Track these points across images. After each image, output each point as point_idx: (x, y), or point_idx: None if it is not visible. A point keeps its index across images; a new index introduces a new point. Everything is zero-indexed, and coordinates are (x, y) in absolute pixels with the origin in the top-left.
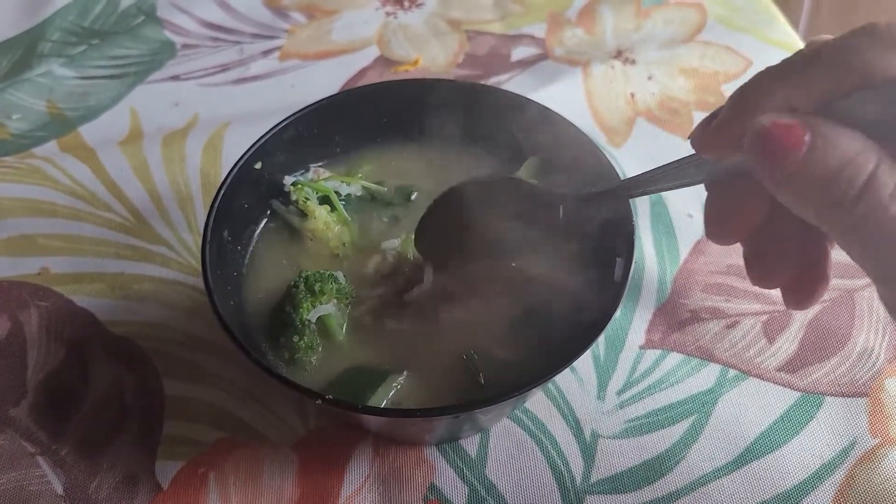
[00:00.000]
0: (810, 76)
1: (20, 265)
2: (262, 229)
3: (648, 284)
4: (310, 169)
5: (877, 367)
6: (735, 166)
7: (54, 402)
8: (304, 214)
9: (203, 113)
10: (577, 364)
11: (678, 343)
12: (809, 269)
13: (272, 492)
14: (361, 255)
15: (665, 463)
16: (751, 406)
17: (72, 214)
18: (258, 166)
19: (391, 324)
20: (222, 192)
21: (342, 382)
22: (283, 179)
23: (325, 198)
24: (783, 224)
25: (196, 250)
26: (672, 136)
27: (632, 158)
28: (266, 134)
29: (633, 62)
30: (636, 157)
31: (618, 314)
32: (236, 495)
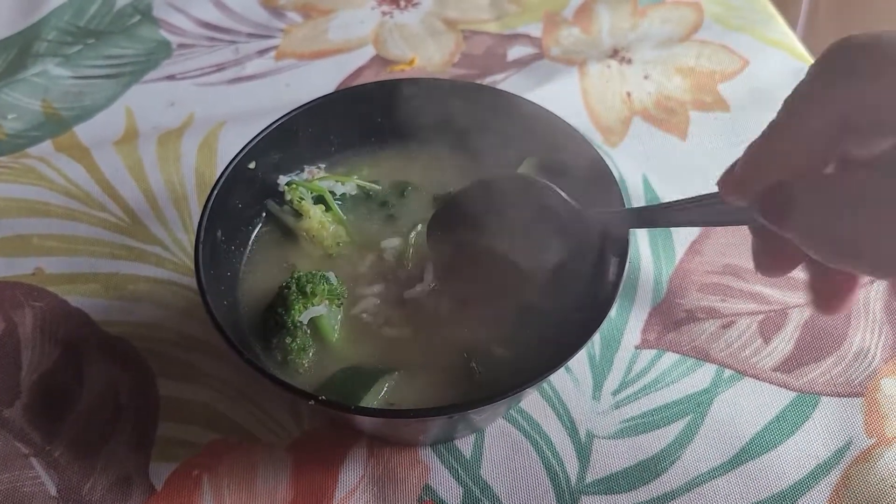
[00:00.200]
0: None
1: (14, 265)
2: (257, 229)
3: (644, 284)
4: (304, 169)
5: (872, 367)
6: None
7: (48, 403)
8: (299, 214)
9: (198, 112)
10: (573, 364)
11: (674, 343)
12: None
13: (266, 493)
14: (357, 254)
15: (660, 463)
16: (746, 406)
17: (66, 214)
18: (252, 166)
19: (387, 324)
20: (216, 192)
21: (335, 383)
22: (278, 179)
23: (320, 197)
24: None
25: (191, 250)
26: (668, 136)
27: (628, 158)
28: (260, 133)
29: (630, 61)
30: (632, 157)
31: (613, 314)
32: (230, 497)
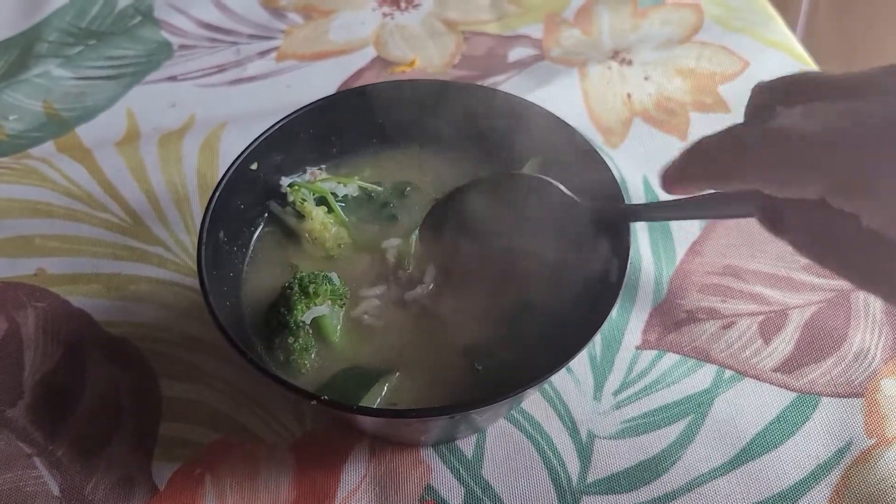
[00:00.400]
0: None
1: (17, 266)
2: (259, 230)
3: (645, 285)
4: (306, 170)
5: (873, 368)
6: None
7: (51, 403)
8: (301, 215)
9: (200, 113)
10: (574, 364)
11: (674, 343)
12: None
13: (268, 493)
14: (358, 256)
15: (661, 463)
16: (747, 406)
17: (68, 215)
18: (254, 167)
19: (389, 324)
20: (218, 193)
21: (337, 383)
22: (280, 180)
23: (322, 199)
24: None
25: (193, 251)
26: (668, 137)
27: (628, 159)
28: (262, 135)
29: (630, 63)
30: (633, 158)
31: (614, 314)
32: (232, 496)
